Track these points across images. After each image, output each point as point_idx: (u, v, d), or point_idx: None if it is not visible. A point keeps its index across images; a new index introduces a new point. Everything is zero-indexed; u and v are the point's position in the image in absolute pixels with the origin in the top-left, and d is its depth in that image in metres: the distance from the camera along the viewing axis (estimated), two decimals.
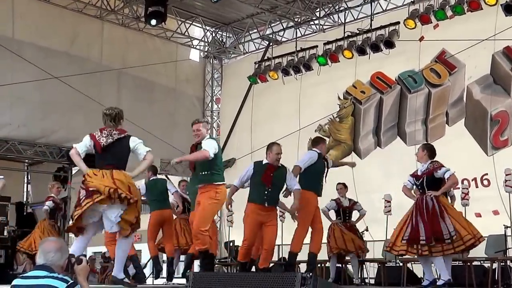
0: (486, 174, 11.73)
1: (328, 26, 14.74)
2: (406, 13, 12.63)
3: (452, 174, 7.38)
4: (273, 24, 15.53)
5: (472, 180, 11.70)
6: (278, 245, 11.02)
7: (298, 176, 7.88)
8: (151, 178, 9.91)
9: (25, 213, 14.64)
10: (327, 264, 10.89)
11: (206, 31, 16.43)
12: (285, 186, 7.78)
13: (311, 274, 5.10)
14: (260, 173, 7.61)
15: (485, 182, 11.74)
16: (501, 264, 8.93)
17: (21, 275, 3.97)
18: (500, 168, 10.99)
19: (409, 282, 9.32)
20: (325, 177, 8.24)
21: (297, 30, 15.05)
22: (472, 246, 7.44)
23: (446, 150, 11.78)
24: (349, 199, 10.42)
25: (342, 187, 10.35)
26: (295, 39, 14.85)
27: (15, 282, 3.89)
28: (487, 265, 9.25)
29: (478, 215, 10.39)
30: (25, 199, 15.53)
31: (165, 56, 15.67)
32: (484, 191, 11.44)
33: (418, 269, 9.63)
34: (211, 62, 17.27)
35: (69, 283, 3.79)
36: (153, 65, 15.07)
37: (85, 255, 6.59)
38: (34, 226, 11.65)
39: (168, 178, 11.63)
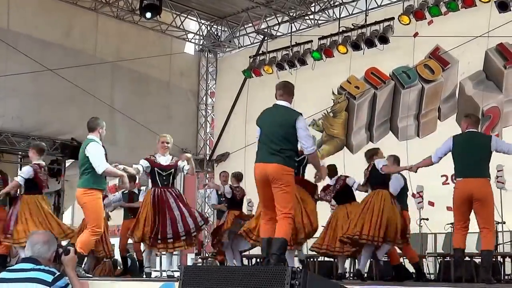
0: None
1: (323, 21, 14.74)
2: (401, 9, 12.69)
3: None
4: (268, 19, 15.51)
5: None
6: None
7: None
8: None
9: None
10: (320, 258, 10.93)
11: (201, 24, 16.41)
12: None
13: (301, 268, 5.12)
14: None
15: None
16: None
17: (7, 268, 3.92)
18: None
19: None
20: None
21: (292, 24, 15.04)
22: None
23: (437, 145, 11.78)
24: None
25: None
26: (290, 34, 14.88)
27: (1, 275, 3.85)
28: (477, 260, 9.30)
29: None
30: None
31: (159, 49, 15.62)
32: None
33: (409, 264, 9.68)
34: (206, 55, 17.25)
35: (56, 275, 3.77)
36: (147, 58, 15.03)
37: (73, 245, 6.62)
38: None
39: None
